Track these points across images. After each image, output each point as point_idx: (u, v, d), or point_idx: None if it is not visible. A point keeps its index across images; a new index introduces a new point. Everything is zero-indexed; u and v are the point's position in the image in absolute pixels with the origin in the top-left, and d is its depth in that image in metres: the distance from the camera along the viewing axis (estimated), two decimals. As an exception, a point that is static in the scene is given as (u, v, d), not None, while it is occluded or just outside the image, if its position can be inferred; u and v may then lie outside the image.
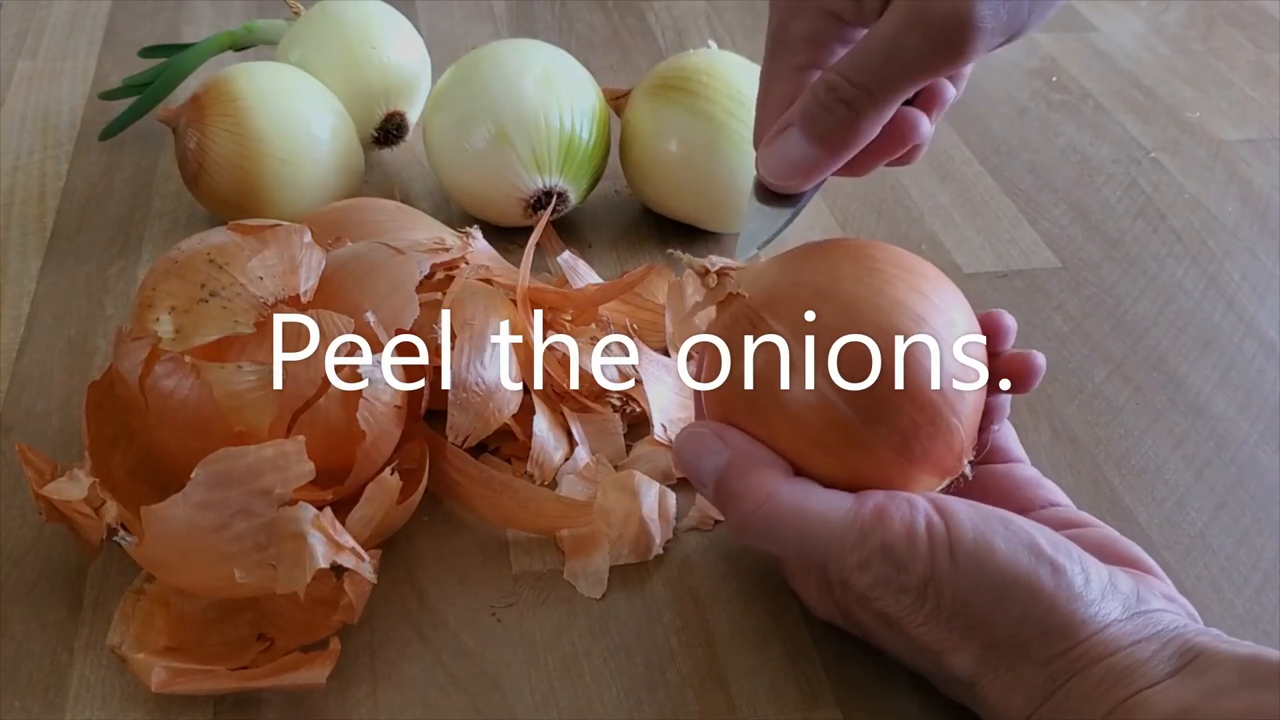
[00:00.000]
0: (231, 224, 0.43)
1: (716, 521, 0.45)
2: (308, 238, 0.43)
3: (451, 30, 0.78)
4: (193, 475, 0.36)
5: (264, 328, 0.40)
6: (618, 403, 0.48)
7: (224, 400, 0.39)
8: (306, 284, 0.42)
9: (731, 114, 0.55)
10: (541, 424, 0.45)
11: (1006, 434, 0.41)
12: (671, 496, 0.45)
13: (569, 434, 0.46)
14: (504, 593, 0.42)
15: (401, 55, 0.62)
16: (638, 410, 0.48)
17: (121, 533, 0.38)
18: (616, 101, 0.61)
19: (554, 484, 0.45)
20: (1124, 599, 0.34)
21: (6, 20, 0.77)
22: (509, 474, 0.45)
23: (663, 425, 0.46)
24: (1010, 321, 0.38)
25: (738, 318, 0.36)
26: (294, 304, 0.41)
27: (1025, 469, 0.40)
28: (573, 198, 0.57)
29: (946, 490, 0.36)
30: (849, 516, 0.33)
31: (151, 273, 0.42)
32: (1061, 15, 0.83)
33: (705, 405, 0.38)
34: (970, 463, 0.36)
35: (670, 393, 0.47)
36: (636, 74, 0.63)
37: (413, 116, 0.63)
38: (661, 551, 0.43)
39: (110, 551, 0.41)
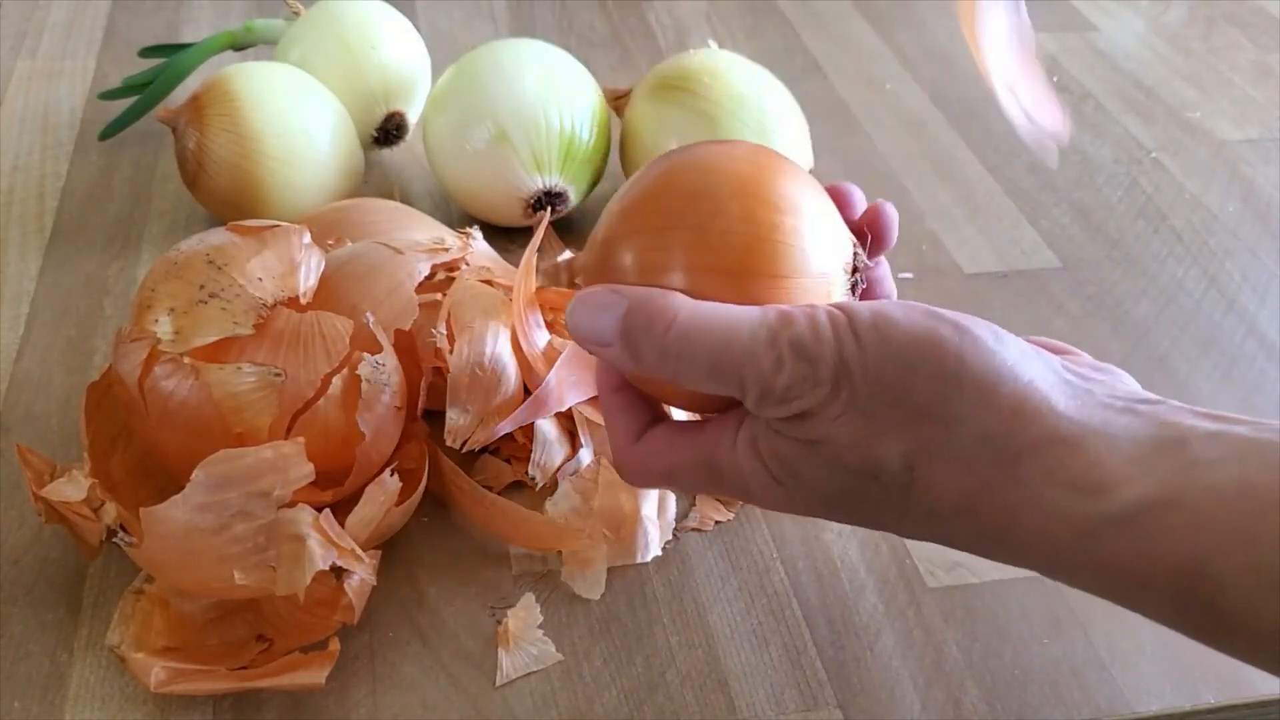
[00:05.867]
0: (231, 225, 0.43)
1: (717, 522, 0.45)
2: (307, 238, 0.43)
3: (451, 30, 0.78)
4: (192, 477, 0.36)
5: (263, 329, 0.40)
6: (618, 403, 0.47)
7: (223, 401, 0.39)
8: (306, 285, 0.42)
9: (732, 114, 0.55)
10: (543, 425, 0.45)
11: (882, 271, 0.42)
12: (671, 497, 0.45)
13: (572, 435, 0.46)
14: (504, 593, 0.42)
15: (401, 55, 0.62)
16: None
17: (121, 534, 0.38)
18: (616, 101, 0.60)
19: (554, 485, 0.45)
20: (1048, 363, 0.33)
21: (6, 20, 0.77)
22: (509, 473, 0.45)
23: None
24: (854, 190, 0.40)
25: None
26: (293, 305, 0.41)
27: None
28: (573, 198, 0.57)
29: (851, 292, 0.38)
30: (757, 321, 0.34)
31: (151, 274, 0.42)
32: (1062, 15, 0.83)
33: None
34: (859, 254, 0.37)
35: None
36: (636, 74, 0.63)
37: (412, 116, 0.63)
38: (661, 552, 0.43)
39: (109, 552, 0.41)
